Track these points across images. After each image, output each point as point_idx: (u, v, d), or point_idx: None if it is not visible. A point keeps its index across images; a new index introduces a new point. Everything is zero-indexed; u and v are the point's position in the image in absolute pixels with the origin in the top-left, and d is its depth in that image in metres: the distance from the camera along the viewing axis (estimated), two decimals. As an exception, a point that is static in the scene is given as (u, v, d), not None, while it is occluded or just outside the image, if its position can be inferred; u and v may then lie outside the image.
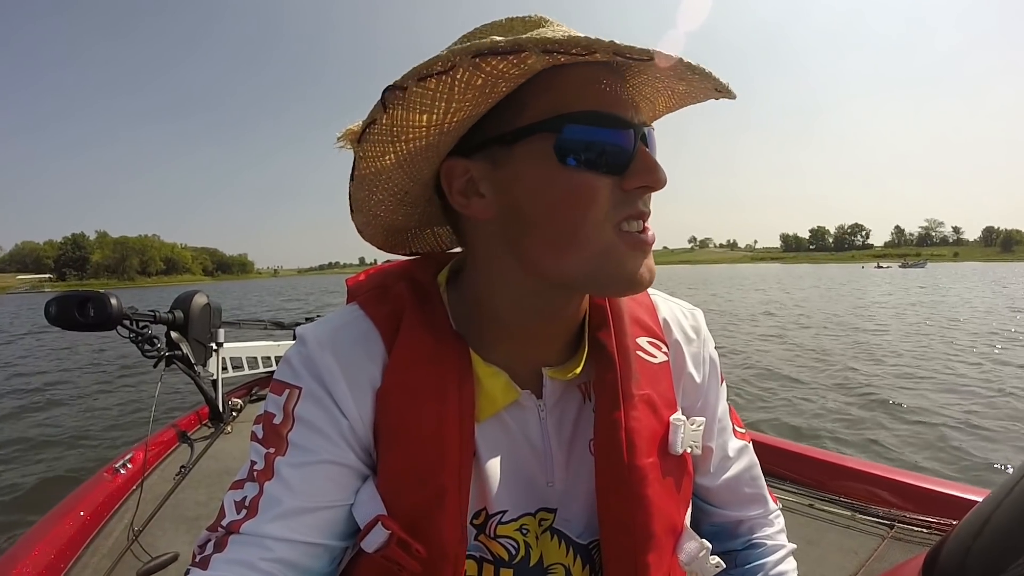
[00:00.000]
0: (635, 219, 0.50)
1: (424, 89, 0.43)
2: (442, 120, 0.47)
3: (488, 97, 0.46)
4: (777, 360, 8.44)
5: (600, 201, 0.49)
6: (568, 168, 0.48)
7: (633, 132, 0.49)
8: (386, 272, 0.65)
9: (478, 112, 0.48)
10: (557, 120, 0.48)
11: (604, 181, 0.49)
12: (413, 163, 0.53)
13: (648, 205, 0.52)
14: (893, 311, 17.34)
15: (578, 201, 0.48)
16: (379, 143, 0.49)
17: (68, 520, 1.52)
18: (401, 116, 0.46)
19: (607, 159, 0.48)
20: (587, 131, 0.48)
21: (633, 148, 0.49)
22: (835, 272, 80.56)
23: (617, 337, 0.60)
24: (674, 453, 0.57)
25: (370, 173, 0.53)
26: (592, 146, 0.48)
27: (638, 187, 0.50)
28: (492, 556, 0.57)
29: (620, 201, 0.50)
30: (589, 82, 0.49)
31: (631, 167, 0.49)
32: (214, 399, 2.57)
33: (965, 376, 7.33)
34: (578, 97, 0.48)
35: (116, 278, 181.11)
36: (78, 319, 1.93)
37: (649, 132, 0.52)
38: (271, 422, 0.54)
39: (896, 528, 1.41)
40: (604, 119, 0.48)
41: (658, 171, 0.50)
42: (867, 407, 5.84)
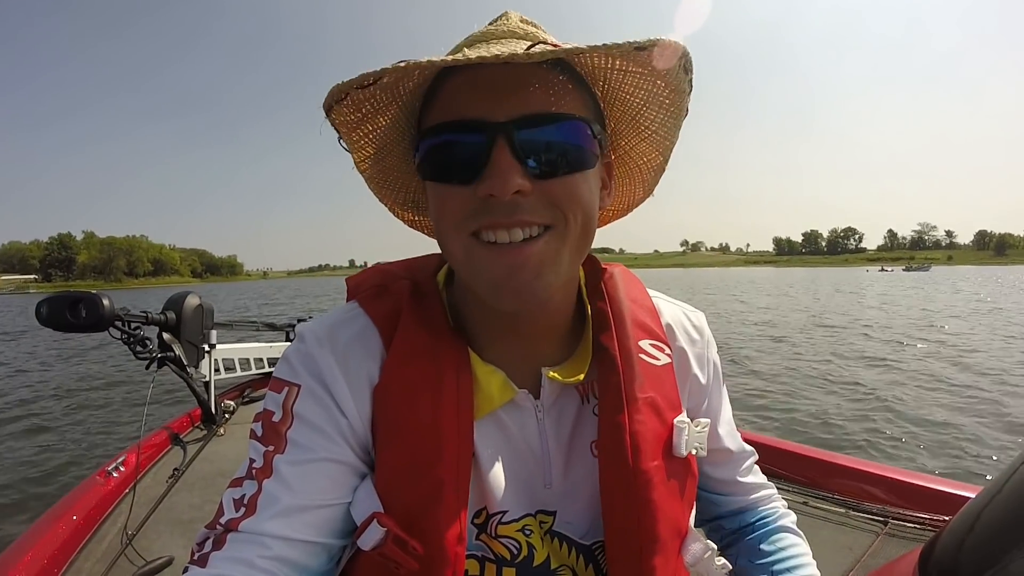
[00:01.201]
0: (491, 229, 0.49)
1: (343, 136, 0.55)
2: (365, 155, 0.59)
3: (375, 130, 0.56)
4: (916, 400, 6.50)
5: (450, 211, 0.50)
6: (427, 182, 0.53)
7: (486, 135, 0.47)
8: (385, 271, 0.65)
9: (389, 139, 0.58)
10: (418, 136, 0.52)
11: (455, 191, 0.50)
12: (387, 183, 0.64)
13: (510, 214, 0.48)
14: (967, 320, 15.60)
15: (436, 212, 0.52)
16: (361, 173, 0.61)
17: (61, 524, 1.50)
18: (352, 156, 0.58)
19: (455, 169, 0.49)
20: (434, 142, 0.50)
21: (487, 152, 0.47)
22: (841, 276, 79.35)
23: (619, 340, 0.60)
24: (678, 455, 0.57)
25: (373, 192, 0.65)
26: (438, 158, 0.50)
27: (487, 195, 0.47)
28: (494, 556, 0.57)
29: (476, 210, 0.49)
30: (449, 91, 0.50)
31: (484, 173, 0.48)
32: (207, 401, 2.55)
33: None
34: (436, 110, 0.51)
35: (103, 279, 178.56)
36: (70, 320, 1.92)
37: (533, 130, 0.48)
38: (270, 420, 0.54)
39: (890, 524, 1.43)
40: (450, 127, 0.49)
41: (497, 176, 0.46)
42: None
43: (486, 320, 0.59)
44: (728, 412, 0.71)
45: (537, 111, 0.48)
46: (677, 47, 0.47)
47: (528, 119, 0.48)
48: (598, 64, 0.52)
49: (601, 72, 0.54)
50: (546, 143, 0.49)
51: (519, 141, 0.47)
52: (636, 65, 0.51)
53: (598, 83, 0.56)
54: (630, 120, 0.59)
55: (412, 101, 0.55)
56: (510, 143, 0.47)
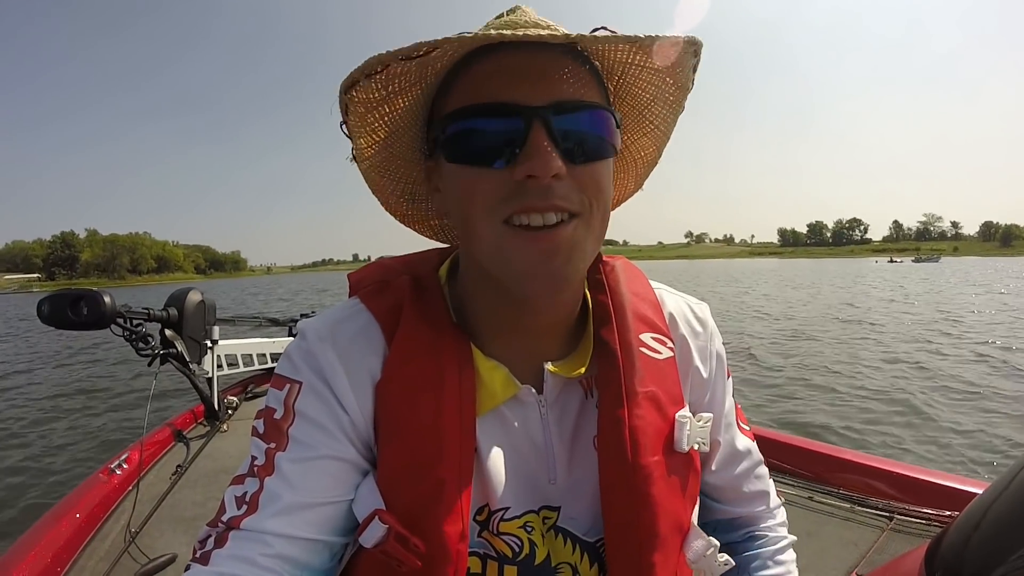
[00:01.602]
0: (525, 212, 0.48)
1: (351, 120, 0.53)
2: (375, 140, 0.56)
3: (392, 112, 0.54)
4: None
5: (482, 194, 0.49)
6: (454, 164, 0.51)
7: (524, 119, 0.47)
8: (387, 266, 0.65)
9: (401, 124, 0.56)
10: (444, 120, 0.51)
11: (488, 174, 0.49)
12: (390, 172, 0.62)
13: (552, 196, 0.48)
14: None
15: (464, 196, 0.50)
16: (359, 161, 0.59)
17: (64, 522, 1.50)
18: (356, 142, 0.56)
19: (490, 153, 0.48)
20: (466, 128, 0.49)
21: (523, 136, 0.47)
22: (848, 267, 77.31)
23: (620, 333, 0.59)
24: (680, 450, 0.56)
25: (370, 183, 0.63)
26: (470, 141, 0.49)
27: (525, 176, 0.47)
28: (496, 553, 0.56)
29: (511, 193, 0.48)
30: (483, 74, 0.49)
31: (520, 156, 0.47)
32: (209, 397, 2.55)
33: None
34: (468, 91, 0.50)
35: (106, 277, 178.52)
36: (71, 318, 1.92)
37: (568, 116, 0.48)
38: (272, 417, 0.53)
39: (895, 520, 1.42)
40: (486, 110, 0.48)
41: (540, 158, 0.46)
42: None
43: (489, 315, 0.58)
44: (731, 409, 0.69)
45: (569, 98, 0.49)
46: (699, 44, 0.49)
47: (562, 105, 0.48)
48: (620, 58, 0.53)
49: (619, 67, 0.54)
50: (579, 130, 0.49)
51: (556, 126, 0.48)
52: (655, 61, 0.52)
53: (613, 77, 0.56)
54: (637, 115, 0.60)
55: (435, 83, 0.53)
56: (547, 127, 0.47)
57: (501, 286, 0.53)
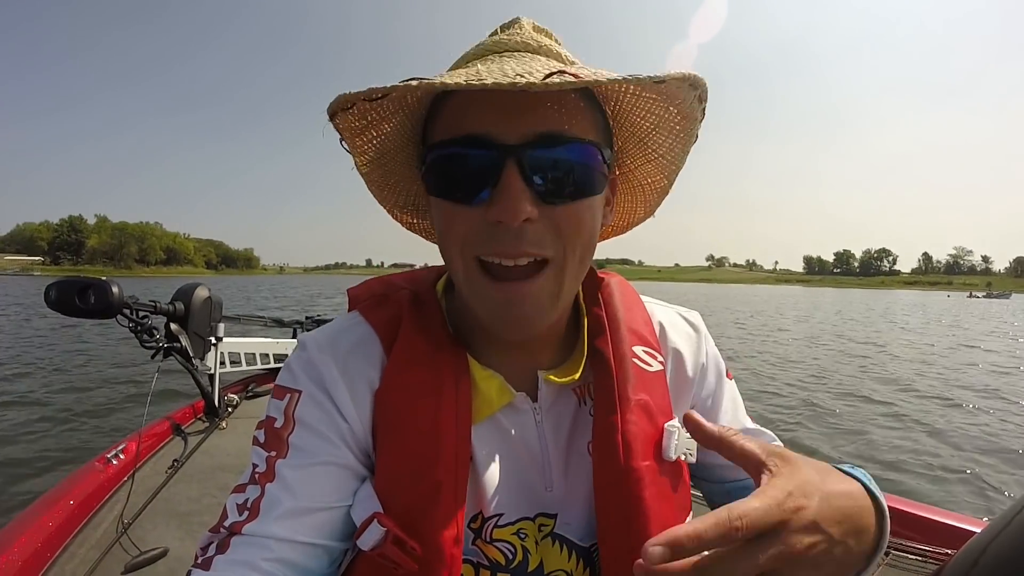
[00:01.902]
0: (495, 256, 0.48)
1: (347, 142, 0.55)
2: (368, 159, 0.58)
3: (379, 136, 0.55)
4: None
5: (455, 231, 0.50)
6: (433, 197, 0.53)
7: (500, 157, 0.46)
8: (386, 281, 0.67)
9: (390, 146, 0.57)
10: (427, 150, 0.52)
11: (462, 211, 0.49)
12: (388, 186, 0.64)
13: (522, 244, 0.47)
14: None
15: (441, 228, 0.52)
16: (362, 177, 0.61)
17: (57, 509, 1.50)
18: (353, 160, 0.58)
19: (464, 188, 0.49)
20: (442, 160, 0.50)
21: (497, 174, 0.47)
22: (913, 300, 70.70)
23: (614, 344, 0.61)
24: (668, 458, 0.57)
25: (374, 195, 0.65)
26: (446, 174, 0.50)
27: (496, 220, 0.47)
28: (488, 561, 0.57)
29: (482, 234, 0.48)
30: (462, 104, 0.49)
31: (491, 196, 0.47)
32: (210, 393, 2.56)
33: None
34: (448, 123, 0.50)
35: (112, 265, 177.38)
36: (78, 305, 1.93)
37: (543, 152, 0.47)
38: (272, 426, 0.55)
39: (892, 555, 1.41)
40: (460, 143, 0.48)
41: (507, 202, 0.46)
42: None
43: (483, 329, 0.59)
44: (734, 403, 0.70)
45: (549, 130, 0.47)
46: (696, 81, 0.47)
47: (540, 139, 0.47)
48: (612, 87, 0.53)
49: (614, 94, 0.55)
50: (556, 164, 0.48)
51: (529, 162, 0.47)
52: (650, 91, 0.52)
53: (609, 103, 0.56)
54: (637, 142, 0.60)
55: (419, 110, 0.55)
56: (520, 166, 0.47)
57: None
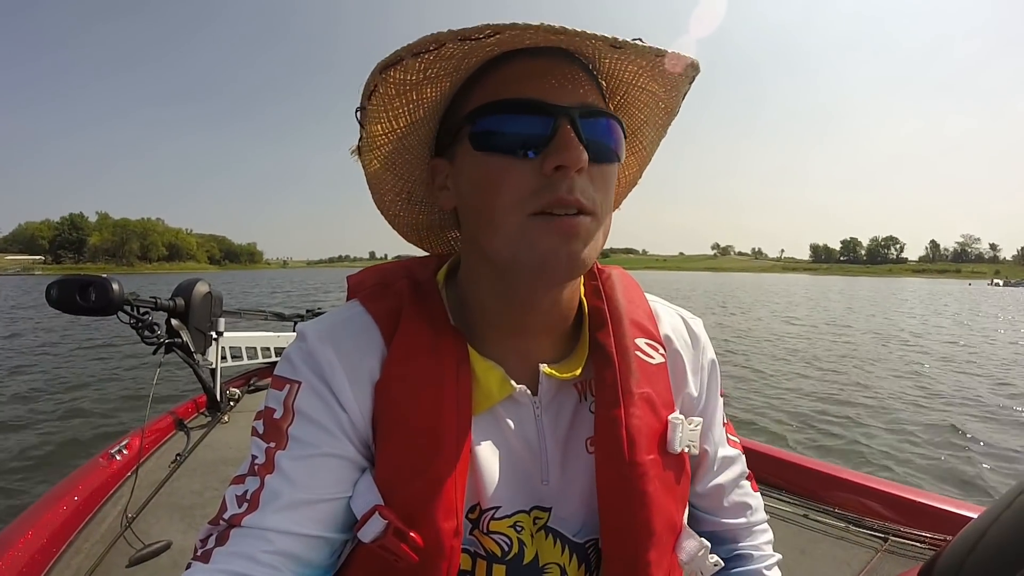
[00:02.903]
0: (555, 206, 0.50)
1: (372, 105, 0.52)
2: (391, 128, 0.56)
3: (419, 102, 0.54)
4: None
5: (511, 185, 0.50)
6: (481, 154, 0.52)
7: (554, 116, 0.50)
8: (386, 270, 0.66)
9: (419, 116, 0.55)
10: (474, 112, 0.52)
11: (518, 165, 0.50)
12: (395, 166, 0.61)
13: (575, 191, 0.50)
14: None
15: (491, 185, 0.51)
16: (366, 152, 0.58)
17: (62, 504, 1.52)
18: (369, 129, 0.54)
19: (520, 144, 0.50)
20: (498, 119, 0.51)
21: (551, 131, 0.49)
22: (935, 288, 68.98)
23: (616, 337, 0.61)
24: (672, 452, 0.57)
25: (370, 177, 0.62)
26: (502, 132, 0.51)
27: (555, 168, 0.49)
28: (485, 552, 0.57)
29: (540, 187, 0.50)
30: (513, 73, 0.52)
31: (548, 149, 0.49)
32: (212, 388, 2.57)
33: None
34: (498, 88, 0.52)
35: (115, 263, 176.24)
36: (79, 303, 1.94)
37: (591, 119, 0.51)
38: (271, 417, 0.54)
39: (890, 541, 1.42)
40: (517, 105, 0.50)
41: (571, 150, 0.48)
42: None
43: (487, 317, 0.59)
44: (720, 420, 0.70)
45: (593, 103, 0.52)
46: (698, 71, 0.53)
47: (587, 109, 0.51)
48: (625, 78, 0.55)
49: (623, 86, 0.57)
50: (599, 133, 0.52)
51: (581, 124, 0.50)
52: (655, 84, 0.55)
53: (615, 96, 0.59)
54: (629, 135, 0.62)
55: (462, 79, 0.55)
56: (574, 125, 0.50)
57: (506, 282, 0.55)
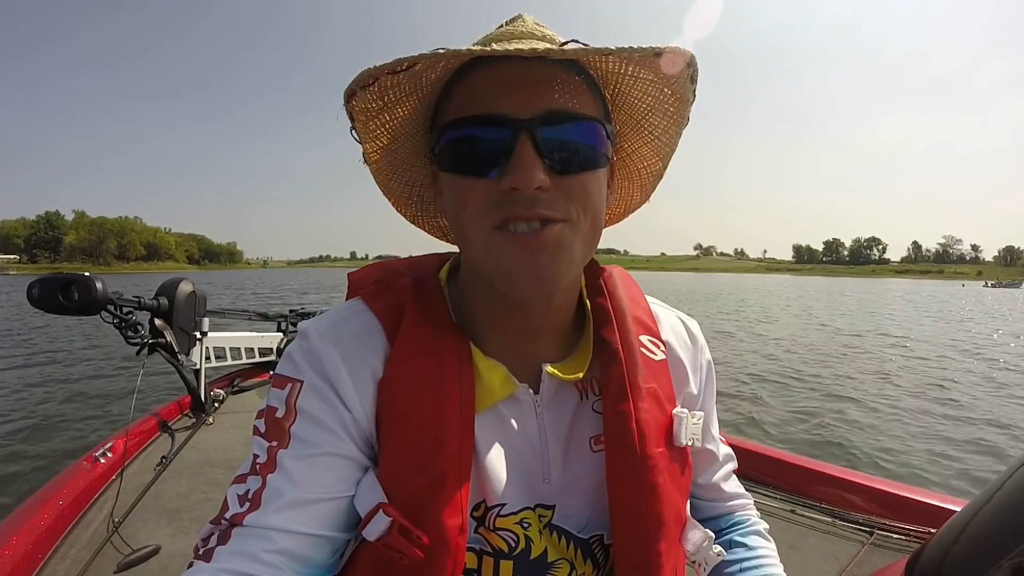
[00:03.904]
0: (514, 221, 0.49)
1: (357, 126, 0.55)
2: (379, 145, 0.59)
3: (393, 120, 0.56)
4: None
5: (471, 202, 0.51)
6: (445, 173, 0.54)
7: (512, 131, 0.49)
8: (388, 267, 0.66)
9: (403, 132, 0.58)
10: (439, 130, 0.53)
11: (477, 183, 0.50)
12: (397, 175, 0.64)
13: (538, 205, 0.49)
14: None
15: (455, 202, 0.53)
16: (369, 164, 0.61)
17: (47, 509, 1.49)
18: (363, 147, 0.58)
19: (478, 162, 0.50)
20: (456, 136, 0.51)
21: (510, 147, 0.49)
22: (933, 290, 69.01)
23: (621, 333, 0.61)
24: (678, 445, 0.58)
25: (380, 186, 0.65)
26: (460, 150, 0.51)
27: (510, 189, 0.49)
28: (492, 548, 0.57)
29: (498, 202, 0.50)
30: (475, 86, 0.51)
31: (506, 167, 0.49)
32: (196, 389, 2.54)
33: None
34: (461, 104, 0.52)
35: (91, 262, 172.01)
36: (62, 302, 1.90)
37: (555, 128, 0.50)
38: (273, 416, 0.54)
39: (876, 535, 1.45)
40: (474, 121, 0.50)
41: (522, 172, 0.48)
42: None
43: (489, 317, 0.60)
44: (715, 416, 0.72)
45: (559, 109, 0.50)
46: (688, 55, 0.50)
47: (550, 116, 0.49)
48: (612, 68, 0.54)
49: (613, 76, 0.55)
50: (566, 141, 0.50)
51: (542, 138, 0.49)
52: (648, 71, 0.53)
53: (609, 86, 0.57)
54: (635, 124, 0.61)
55: (432, 93, 0.55)
56: (533, 140, 0.49)
57: (495, 288, 0.55)
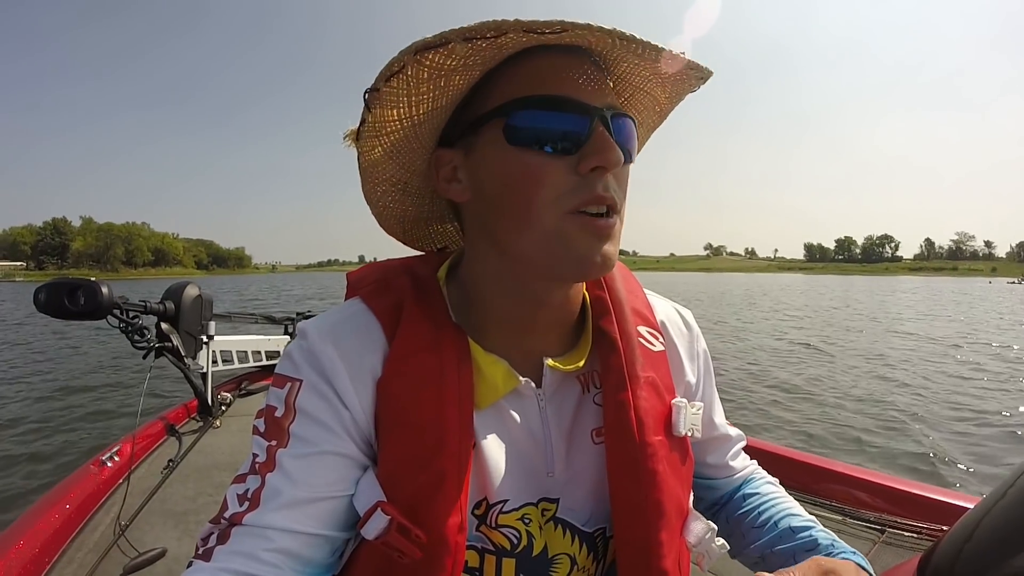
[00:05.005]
0: (592, 204, 0.51)
1: (390, 88, 0.49)
2: (409, 114, 0.53)
3: (445, 89, 0.52)
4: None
5: (549, 182, 0.50)
6: (517, 149, 0.51)
7: (590, 116, 0.50)
8: (387, 267, 0.66)
9: (441, 104, 0.53)
10: (509, 105, 0.51)
11: (555, 163, 0.50)
12: (400, 154, 0.59)
13: (610, 189, 0.51)
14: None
15: (527, 181, 0.51)
16: (368, 138, 0.55)
17: (53, 513, 1.49)
18: (380, 113, 0.52)
19: (558, 141, 0.50)
20: (536, 115, 0.51)
21: (588, 131, 0.50)
22: (952, 286, 67.12)
23: (619, 324, 0.62)
24: (677, 434, 0.59)
25: (368, 165, 0.59)
26: (540, 128, 0.51)
27: (592, 168, 0.50)
28: (494, 546, 0.57)
29: (577, 185, 0.50)
30: (547, 69, 0.51)
31: (585, 149, 0.50)
32: (203, 392, 2.55)
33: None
34: (532, 83, 0.51)
35: (99, 268, 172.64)
36: (68, 307, 1.91)
37: (618, 119, 0.53)
38: (273, 415, 0.54)
39: (887, 533, 1.43)
40: (555, 102, 0.50)
41: (610, 151, 0.50)
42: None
43: (491, 315, 0.60)
44: (718, 400, 0.74)
45: (616, 104, 0.54)
46: (708, 75, 0.55)
47: (613, 109, 0.53)
48: (634, 82, 0.57)
49: (630, 89, 0.59)
50: (627, 133, 0.54)
51: (611, 124, 0.52)
52: (659, 90, 0.57)
53: (621, 98, 0.60)
54: None
55: (489, 68, 0.53)
56: (607, 126, 0.51)
57: (519, 280, 0.56)
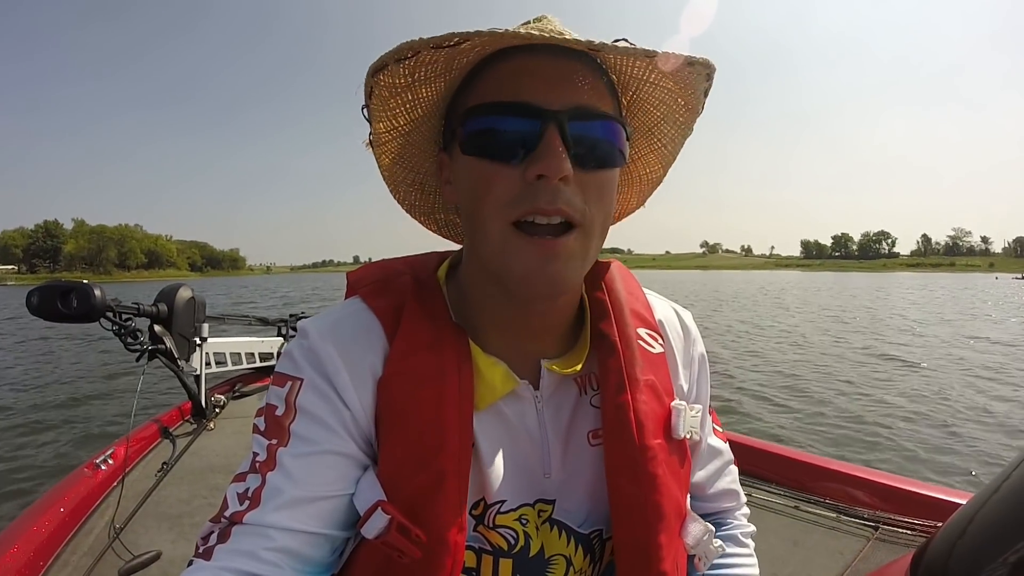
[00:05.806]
0: (533, 214, 0.49)
1: (372, 104, 0.53)
2: (394, 125, 0.57)
3: (415, 102, 0.55)
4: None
5: (494, 190, 0.50)
6: (469, 157, 0.52)
7: (541, 120, 0.49)
8: (387, 266, 0.66)
9: (418, 114, 0.57)
10: (466, 113, 0.52)
11: (503, 171, 0.50)
12: (405, 160, 0.63)
13: (559, 201, 0.49)
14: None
15: (476, 189, 0.52)
16: (376, 147, 0.60)
17: (48, 517, 1.48)
18: (375, 126, 0.56)
19: (505, 148, 0.50)
20: (485, 122, 0.51)
21: (537, 137, 0.48)
22: (953, 282, 66.23)
23: (619, 327, 0.62)
24: (676, 437, 0.58)
25: (384, 170, 0.63)
26: (488, 135, 0.51)
27: (537, 176, 0.48)
28: (491, 546, 0.57)
29: (521, 194, 0.49)
30: (507, 73, 0.51)
31: (532, 155, 0.49)
32: (197, 395, 2.54)
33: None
34: (490, 89, 0.51)
35: (92, 271, 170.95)
36: (60, 310, 1.90)
37: (584, 123, 0.50)
38: (273, 414, 0.54)
39: (881, 530, 1.44)
40: (505, 108, 0.50)
41: (551, 158, 0.47)
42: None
43: (489, 314, 0.60)
44: (707, 410, 0.72)
45: (586, 105, 0.51)
46: (713, 69, 0.53)
47: (578, 111, 0.50)
48: (634, 74, 0.55)
49: (634, 82, 0.57)
50: (591, 137, 0.51)
51: (570, 131, 0.49)
52: (670, 80, 0.55)
53: (628, 92, 0.58)
54: (646, 131, 0.62)
55: (459, 76, 0.55)
56: (561, 131, 0.49)
57: (503, 285, 0.55)
